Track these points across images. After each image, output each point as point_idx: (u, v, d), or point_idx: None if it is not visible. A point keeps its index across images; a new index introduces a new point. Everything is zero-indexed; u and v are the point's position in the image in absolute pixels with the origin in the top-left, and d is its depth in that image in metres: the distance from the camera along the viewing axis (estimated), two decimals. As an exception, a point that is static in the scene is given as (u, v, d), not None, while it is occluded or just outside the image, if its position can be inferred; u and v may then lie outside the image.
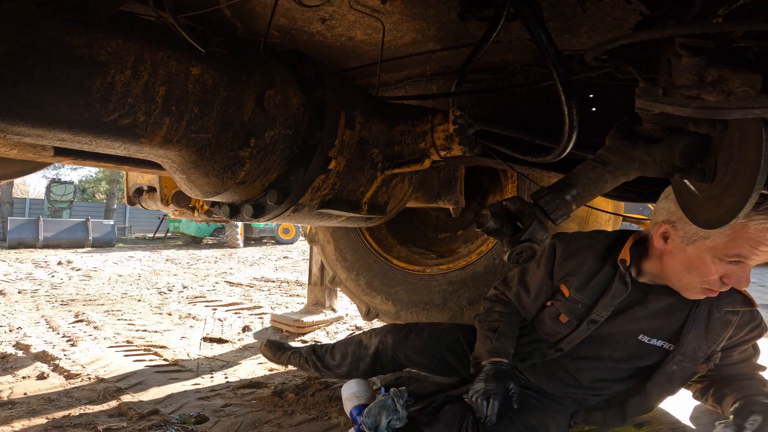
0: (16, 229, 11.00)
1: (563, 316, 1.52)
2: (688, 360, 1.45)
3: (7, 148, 1.47)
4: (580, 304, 1.49)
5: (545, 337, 1.58)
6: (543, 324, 1.59)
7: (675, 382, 1.50)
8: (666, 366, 1.47)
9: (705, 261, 1.27)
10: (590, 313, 1.47)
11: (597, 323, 1.47)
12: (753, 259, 1.23)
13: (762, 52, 0.79)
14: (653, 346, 1.48)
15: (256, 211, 1.32)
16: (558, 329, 1.54)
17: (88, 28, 0.95)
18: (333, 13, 1.38)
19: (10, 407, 1.91)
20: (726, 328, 1.42)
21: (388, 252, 2.56)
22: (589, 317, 1.47)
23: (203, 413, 1.89)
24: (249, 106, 1.17)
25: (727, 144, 0.93)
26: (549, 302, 1.58)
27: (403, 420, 1.55)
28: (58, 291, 5.01)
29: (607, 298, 1.44)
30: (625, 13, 1.19)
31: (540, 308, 1.62)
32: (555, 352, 1.55)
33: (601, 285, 1.47)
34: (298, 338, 3.13)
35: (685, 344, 1.43)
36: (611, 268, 1.46)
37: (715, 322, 1.42)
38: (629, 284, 1.42)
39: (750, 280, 1.28)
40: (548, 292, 1.59)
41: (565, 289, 1.52)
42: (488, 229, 1.03)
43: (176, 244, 13.74)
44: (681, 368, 1.46)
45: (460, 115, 1.25)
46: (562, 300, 1.52)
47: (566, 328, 1.52)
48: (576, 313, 1.50)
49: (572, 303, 1.50)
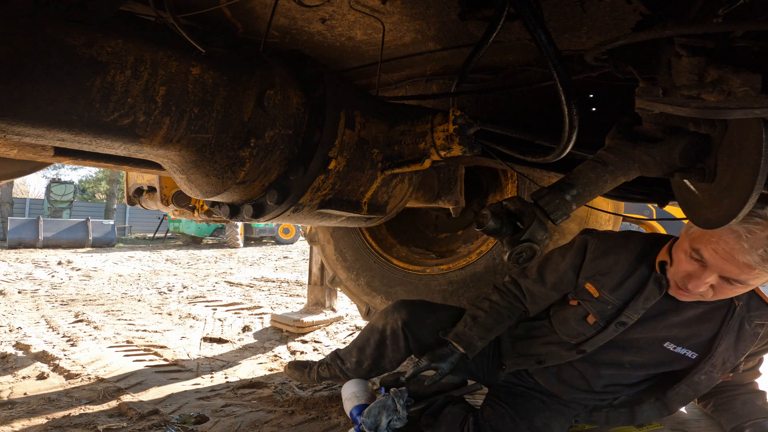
0: (16, 229, 11.00)
1: (591, 317, 1.46)
2: (717, 371, 1.43)
3: (7, 148, 1.47)
4: (609, 305, 1.44)
5: (565, 339, 1.53)
6: (566, 325, 1.53)
7: (699, 392, 1.49)
8: (694, 376, 1.45)
9: (683, 253, 1.28)
10: (619, 315, 1.42)
11: (625, 325, 1.42)
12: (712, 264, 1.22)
13: (762, 52, 0.79)
14: (678, 354, 1.45)
15: (256, 211, 1.32)
16: (583, 330, 1.48)
17: (88, 28, 0.95)
18: (333, 13, 1.38)
19: (10, 407, 1.91)
20: (755, 340, 1.42)
21: (388, 252, 2.56)
22: (618, 319, 1.42)
23: (203, 413, 1.89)
24: (249, 106, 1.17)
25: (727, 144, 0.93)
26: (575, 302, 1.52)
27: (403, 420, 1.55)
28: (58, 291, 5.01)
29: (640, 300, 1.39)
30: (625, 13, 1.19)
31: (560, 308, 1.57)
32: (576, 354, 1.50)
33: (634, 286, 1.42)
34: (298, 338, 3.12)
35: (716, 355, 1.41)
36: (646, 269, 1.41)
37: (745, 334, 1.40)
38: (664, 287, 1.37)
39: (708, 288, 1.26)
40: (567, 287, 1.53)
41: (593, 289, 1.46)
42: (488, 229, 1.03)
43: (176, 244, 13.74)
44: (708, 378, 1.45)
45: (460, 115, 1.25)
46: (591, 300, 1.46)
47: (592, 329, 1.47)
48: (605, 314, 1.44)
49: (602, 304, 1.44)
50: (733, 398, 1.57)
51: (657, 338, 1.44)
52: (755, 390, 1.58)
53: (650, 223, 4.71)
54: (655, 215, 5.45)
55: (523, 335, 1.67)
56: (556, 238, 2.01)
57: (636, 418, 1.55)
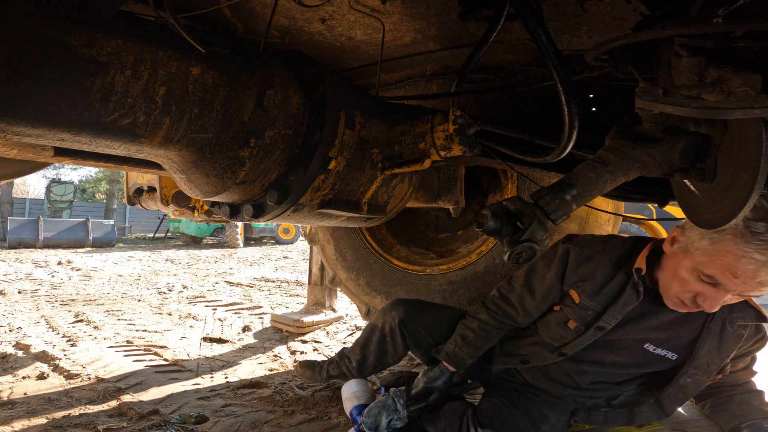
0: (16, 229, 11.01)
1: (572, 322, 1.49)
2: (702, 373, 1.44)
3: (7, 148, 1.47)
4: (590, 310, 1.46)
5: (548, 340, 1.56)
6: (548, 328, 1.56)
7: (689, 394, 1.50)
8: (680, 379, 1.46)
9: (688, 273, 1.26)
10: (598, 319, 1.44)
11: (604, 330, 1.45)
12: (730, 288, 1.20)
13: (762, 52, 0.79)
14: (658, 355, 1.47)
15: (256, 211, 1.32)
16: (564, 334, 1.51)
17: (88, 28, 0.95)
18: (333, 13, 1.38)
19: (10, 407, 1.91)
20: (738, 341, 1.42)
21: (388, 252, 2.56)
22: (596, 324, 1.45)
23: (203, 413, 1.89)
24: (249, 106, 1.17)
25: (727, 144, 0.93)
26: (557, 307, 1.54)
27: (403, 420, 1.55)
28: (58, 291, 5.01)
29: (618, 306, 1.41)
30: (625, 13, 1.19)
31: (545, 312, 1.59)
32: (557, 356, 1.53)
33: (612, 292, 1.43)
34: (298, 338, 3.13)
35: (698, 358, 1.42)
36: (624, 275, 1.43)
37: (728, 336, 1.41)
38: (641, 293, 1.39)
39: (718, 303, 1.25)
40: (556, 296, 1.55)
41: (575, 295, 1.49)
42: (488, 229, 1.03)
43: (176, 244, 13.75)
44: (695, 381, 1.46)
45: (460, 115, 1.25)
46: (572, 306, 1.49)
47: (573, 333, 1.49)
48: (585, 319, 1.47)
49: (582, 309, 1.47)
50: (730, 399, 1.58)
51: (637, 340, 1.47)
52: (752, 390, 1.58)
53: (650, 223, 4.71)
54: (655, 215, 5.45)
55: (511, 335, 1.70)
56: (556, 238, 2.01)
57: (635, 418, 1.56)
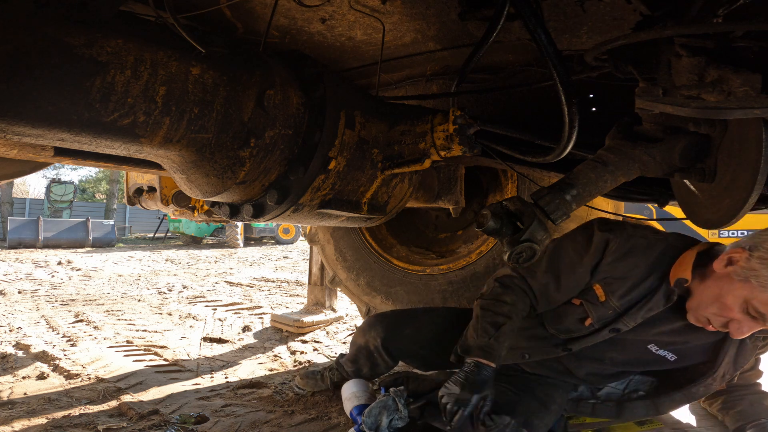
0: (16, 229, 11.00)
1: (589, 319, 1.40)
2: (717, 383, 1.45)
3: (7, 148, 1.47)
4: (611, 310, 1.36)
5: (553, 332, 1.48)
6: (560, 321, 1.46)
7: (692, 401, 1.51)
8: (692, 387, 1.45)
9: (735, 301, 1.20)
10: (617, 321, 1.36)
11: (619, 332, 1.38)
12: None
13: (762, 52, 0.79)
14: (658, 355, 1.45)
15: (256, 211, 1.32)
16: (576, 330, 1.43)
17: (88, 28, 0.95)
18: (333, 13, 1.38)
19: (10, 407, 1.91)
20: (753, 352, 1.43)
21: (388, 252, 2.56)
22: (614, 325, 1.37)
23: (203, 413, 1.89)
24: (249, 106, 1.17)
25: (727, 144, 0.93)
26: (577, 300, 1.43)
27: (404, 419, 1.55)
28: (58, 291, 5.01)
29: (642, 310, 1.33)
30: (625, 13, 1.19)
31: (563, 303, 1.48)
32: (562, 351, 1.47)
33: (640, 295, 1.34)
34: (298, 338, 3.12)
35: (718, 369, 1.41)
36: (657, 279, 1.33)
37: (746, 348, 1.41)
38: (671, 302, 1.31)
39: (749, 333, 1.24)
40: (580, 288, 1.43)
41: (601, 292, 1.37)
42: (488, 229, 1.04)
43: (176, 244, 13.74)
44: (706, 389, 1.46)
45: (460, 115, 1.25)
46: (595, 303, 1.38)
47: (585, 330, 1.42)
48: (604, 318, 1.38)
49: (605, 308, 1.37)
50: (741, 398, 1.59)
51: (643, 340, 1.43)
52: (760, 391, 1.60)
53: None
54: (655, 215, 5.45)
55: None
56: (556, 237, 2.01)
57: (623, 413, 1.55)
